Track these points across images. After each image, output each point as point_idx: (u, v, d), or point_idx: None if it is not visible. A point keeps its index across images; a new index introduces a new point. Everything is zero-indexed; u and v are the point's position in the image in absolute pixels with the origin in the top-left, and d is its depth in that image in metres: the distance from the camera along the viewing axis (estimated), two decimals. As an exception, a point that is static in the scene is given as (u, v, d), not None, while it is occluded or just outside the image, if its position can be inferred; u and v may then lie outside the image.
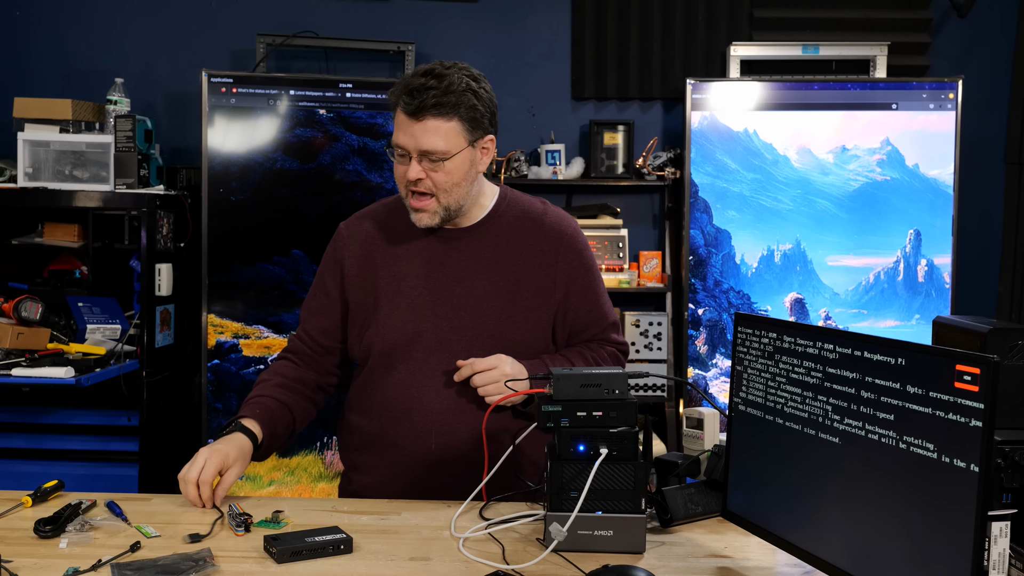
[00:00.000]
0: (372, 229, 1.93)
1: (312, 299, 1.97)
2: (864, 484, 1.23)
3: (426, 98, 1.73)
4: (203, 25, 3.97)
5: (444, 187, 1.79)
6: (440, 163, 1.77)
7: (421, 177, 1.77)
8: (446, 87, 1.74)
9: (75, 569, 1.41)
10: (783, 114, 3.69)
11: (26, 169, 3.47)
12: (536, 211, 1.93)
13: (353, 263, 1.91)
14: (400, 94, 1.76)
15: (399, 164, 1.80)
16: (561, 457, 1.54)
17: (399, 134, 1.77)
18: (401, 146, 1.77)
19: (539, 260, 1.88)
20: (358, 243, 1.92)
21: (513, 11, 4.01)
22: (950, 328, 1.76)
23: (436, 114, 1.74)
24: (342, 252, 1.93)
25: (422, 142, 1.75)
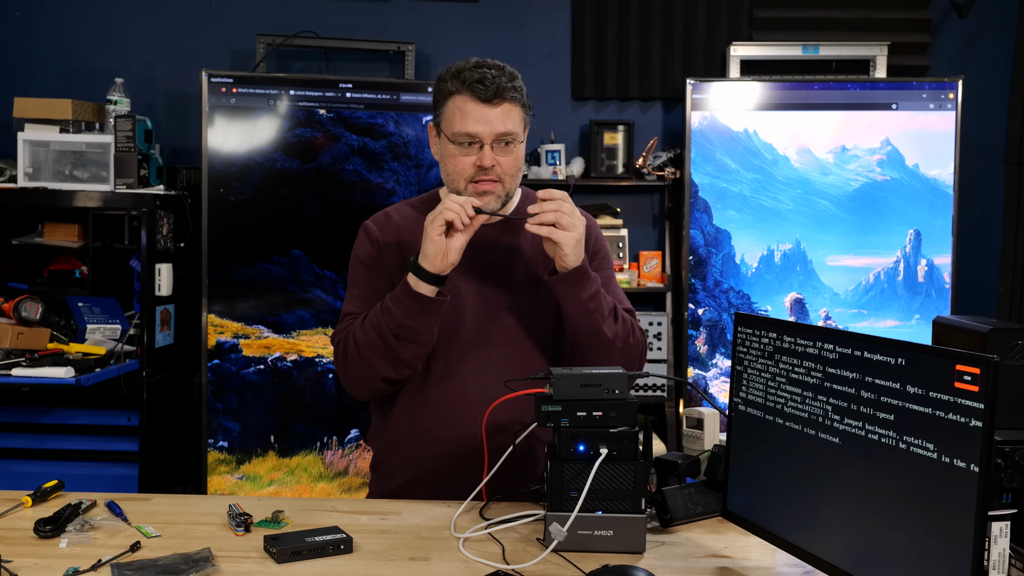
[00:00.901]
0: (400, 225, 1.93)
1: (364, 289, 1.91)
2: (864, 484, 1.23)
3: (500, 83, 1.78)
4: (203, 25, 3.98)
5: (511, 172, 1.83)
6: (510, 147, 1.81)
7: (494, 163, 1.79)
8: (510, 73, 1.81)
9: (75, 569, 1.41)
10: (783, 114, 3.69)
11: (26, 169, 3.47)
12: None
13: (390, 255, 1.90)
14: (466, 83, 1.78)
15: (463, 155, 1.80)
16: (561, 457, 1.54)
17: (469, 123, 1.78)
18: (474, 134, 1.78)
19: None
20: (389, 236, 1.91)
21: (513, 11, 4.01)
22: (950, 328, 1.76)
23: (509, 98, 1.79)
24: (377, 243, 1.91)
25: (499, 126, 1.79)
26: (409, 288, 1.75)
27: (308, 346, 3.56)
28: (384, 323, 1.77)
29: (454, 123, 1.80)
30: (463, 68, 1.81)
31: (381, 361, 1.80)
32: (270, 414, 3.54)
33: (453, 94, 1.80)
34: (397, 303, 1.76)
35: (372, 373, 1.82)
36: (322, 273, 3.57)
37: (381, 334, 1.77)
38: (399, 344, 1.77)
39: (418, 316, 1.76)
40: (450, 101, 1.81)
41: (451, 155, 1.82)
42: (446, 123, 1.82)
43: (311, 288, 3.56)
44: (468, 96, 1.78)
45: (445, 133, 1.83)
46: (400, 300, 1.76)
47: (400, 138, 3.58)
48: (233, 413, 3.54)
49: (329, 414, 3.57)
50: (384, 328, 1.77)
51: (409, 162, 3.59)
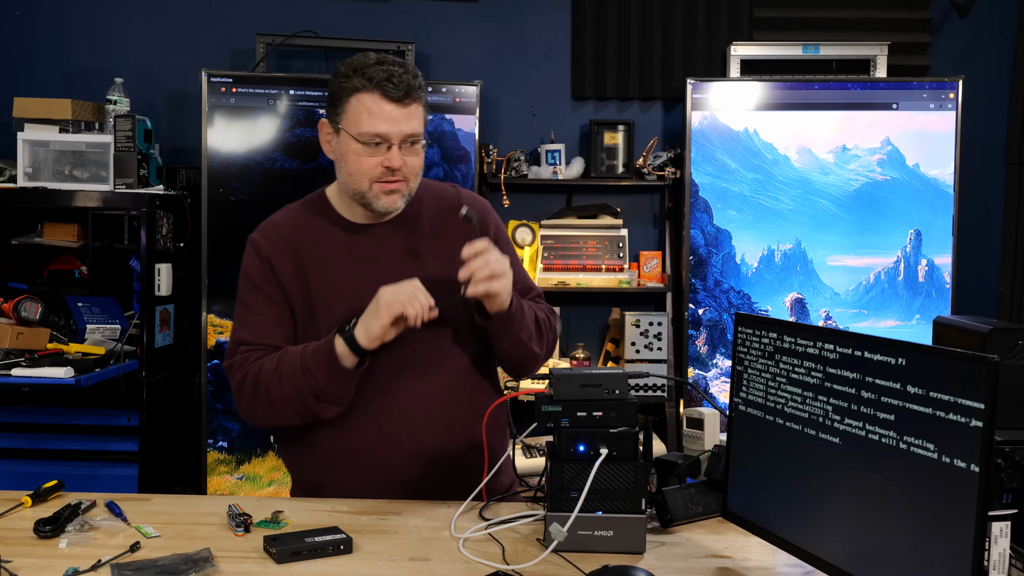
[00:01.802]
0: (291, 236, 1.85)
1: (257, 314, 1.82)
2: (864, 484, 1.23)
3: (409, 82, 1.74)
4: (203, 25, 3.97)
5: (416, 171, 1.80)
6: (416, 147, 1.78)
7: (401, 164, 1.76)
8: (414, 72, 1.77)
9: (75, 569, 1.41)
10: (783, 114, 3.69)
11: (26, 169, 3.47)
12: (451, 195, 1.93)
13: (284, 271, 1.82)
14: (374, 80, 1.72)
15: (370, 155, 1.74)
16: (561, 457, 1.54)
17: (378, 122, 1.72)
18: (383, 134, 1.73)
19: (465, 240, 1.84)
20: (280, 251, 1.83)
21: (513, 11, 4.00)
22: (950, 328, 1.76)
23: (417, 98, 1.76)
24: (269, 260, 1.82)
25: (407, 127, 1.75)
26: (336, 359, 1.69)
27: (308, 346, 3.56)
28: (305, 385, 1.72)
29: (360, 122, 1.74)
30: (367, 64, 1.75)
31: (296, 416, 1.77)
32: (270, 414, 3.54)
33: (359, 91, 1.74)
34: (321, 368, 1.71)
35: (283, 421, 1.80)
36: (322, 273, 3.56)
37: (301, 395, 1.73)
38: (319, 405, 1.75)
39: (343, 384, 1.73)
40: (354, 98, 1.75)
41: (355, 155, 1.76)
42: (350, 121, 1.76)
43: (311, 288, 3.56)
44: (377, 94, 1.73)
45: (349, 132, 1.76)
46: (325, 367, 1.70)
47: (400, 138, 3.57)
48: (233, 413, 3.53)
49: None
50: (305, 390, 1.72)
51: (409, 162, 3.59)
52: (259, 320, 1.82)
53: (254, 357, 1.79)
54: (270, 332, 1.81)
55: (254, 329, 1.82)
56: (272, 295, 1.82)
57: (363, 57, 1.78)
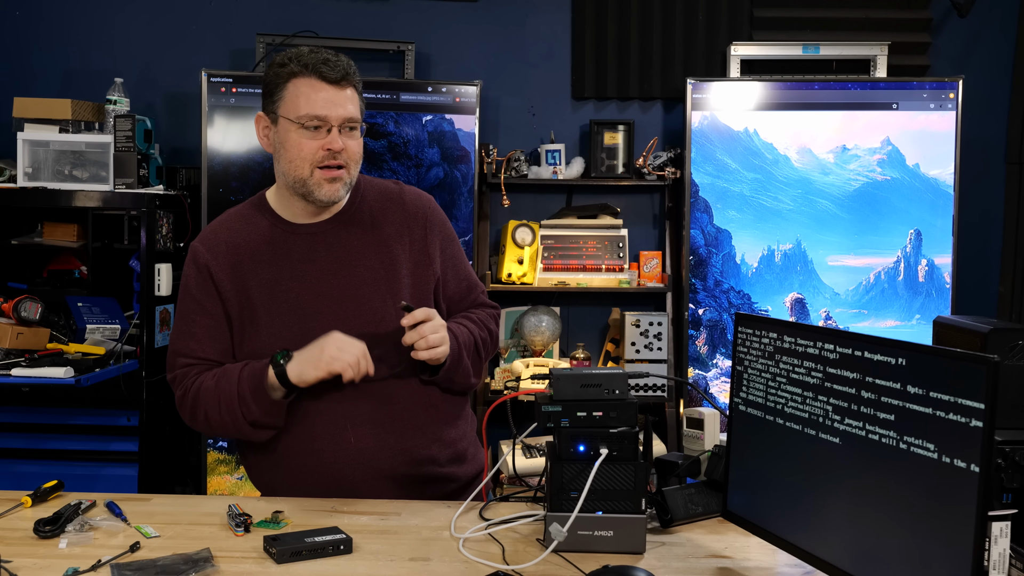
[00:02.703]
0: (230, 240, 1.85)
1: (193, 326, 1.84)
2: (864, 484, 1.23)
3: (345, 66, 1.77)
4: (203, 25, 3.97)
5: (355, 158, 1.81)
6: (354, 132, 1.79)
7: (343, 147, 1.76)
8: (347, 60, 1.79)
9: (75, 569, 1.41)
10: (783, 114, 3.69)
11: (26, 169, 3.47)
12: (394, 191, 1.93)
13: (223, 278, 1.83)
14: (310, 65, 1.74)
15: (309, 139, 1.75)
16: (561, 457, 1.54)
17: (317, 104, 1.73)
18: (323, 116, 1.74)
19: (409, 237, 1.88)
20: (220, 257, 1.84)
21: (513, 11, 4.00)
22: (950, 328, 1.75)
23: (353, 83, 1.78)
24: (207, 269, 1.83)
25: (345, 110, 1.76)
26: (266, 392, 1.73)
27: (308, 346, 3.55)
28: (241, 412, 1.75)
29: (299, 105, 1.74)
30: (301, 53, 1.77)
31: (234, 435, 1.83)
32: (270, 414, 3.54)
33: (295, 76, 1.75)
34: (255, 399, 1.74)
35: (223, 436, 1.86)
36: (322, 273, 3.56)
37: (236, 421, 1.77)
38: (254, 431, 1.79)
39: (274, 414, 1.76)
40: (292, 84, 1.75)
41: (295, 141, 1.76)
42: (288, 106, 1.76)
43: (311, 288, 3.56)
44: (314, 78, 1.74)
45: (288, 117, 1.76)
46: (258, 398, 1.73)
47: (400, 138, 3.57)
48: (233, 413, 3.53)
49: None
50: (240, 417, 1.76)
51: (409, 162, 3.59)
52: (196, 333, 1.84)
53: (193, 373, 1.83)
54: (206, 346, 1.83)
55: (191, 342, 1.84)
56: (210, 307, 1.84)
57: (297, 48, 1.81)
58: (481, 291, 2.01)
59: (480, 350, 1.91)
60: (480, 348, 1.91)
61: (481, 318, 1.95)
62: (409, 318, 1.73)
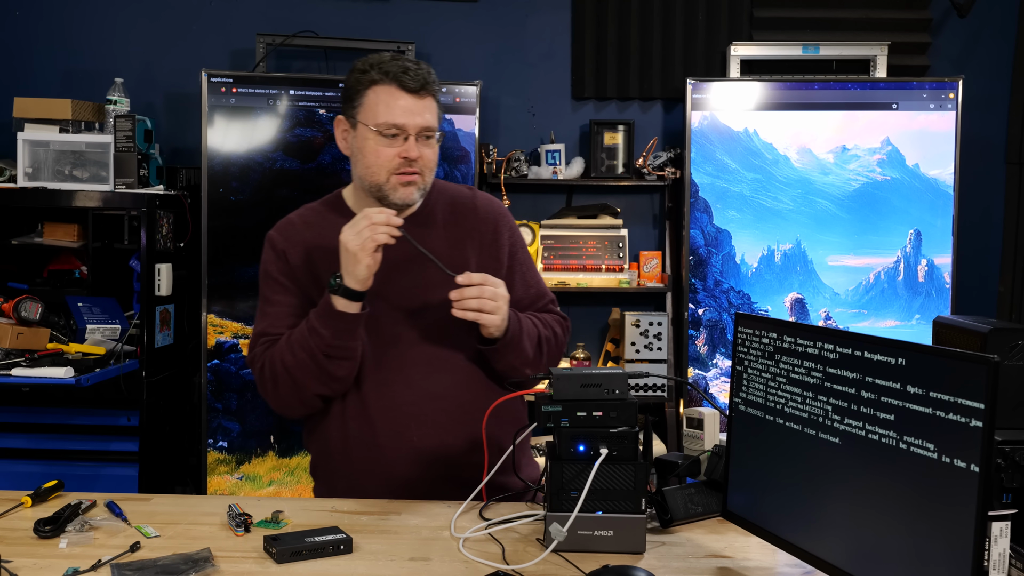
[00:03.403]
0: (304, 232, 1.89)
1: (274, 306, 1.87)
2: (864, 484, 1.23)
3: (425, 76, 1.78)
4: (203, 25, 3.97)
5: (431, 165, 1.83)
6: (431, 141, 1.81)
7: (419, 155, 1.78)
8: (427, 69, 1.81)
9: (75, 569, 1.41)
10: (783, 114, 3.69)
11: (26, 169, 3.47)
12: (466, 196, 1.96)
13: (298, 263, 1.87)
14: (390, 74, 1.77)
15: (386, 147, 1.77)
16: (561, 457, 1.54)
17: (396, 113, 1.76)
18: (399, 125, 1.77)
19: (479, 242, 1.91)
20: (295, 245, 1.88)
21: (513, 11, 4.01)
22: (950, 328, 1.76)
23: (432, 92, 1.80)
24: (284, 254, 1.88)
25: (422, 119, 1.78)
26: (334, 309, 1.73)
27: (308, 346, 3.55)
28: (314, 344, 1.75)
29: (378, 113, 1.77)
30: (383, 60, 1.80)
31: (315, 382, 1.79)
32: (270, 414, 3.54)
33: (376, 83, 1.78)
34: (324, 324, 1.74)
35: (305, 394, 1.82)
36: (322, 273, 3.56)
37: (312, 355, 1.76)
38: (331, 363, 1.77)
39: (347, 335, 1.75)
40: (371, 91, 1.78)
41: (372, 147, 1.78)
42: (367, 113, 1.79)
43: (311, 288, 3.56)
44: (394, 86, 1.77)
45: (365, 124, 1.79)
46: (326, 321, 1.74)
47: (400, 138, 3.57)
48: (233, 413, 3.54)
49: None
50: (314, 349, 1.75)
51: (409, 162, 3.59)
52: (278, 311, 1.87)
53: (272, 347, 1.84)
54: (287, 322, 1.85)
55: (272, 320, 1.87)
56: (288, 285, 1.87)
57: (378, 55, 1.83)
58: (551, 300, 2.01)
59: (542, 345, 1.91)
60: (543, 343, 1.91)
61: (548, 320, 1.96)
62: (465, 277, 1.73)
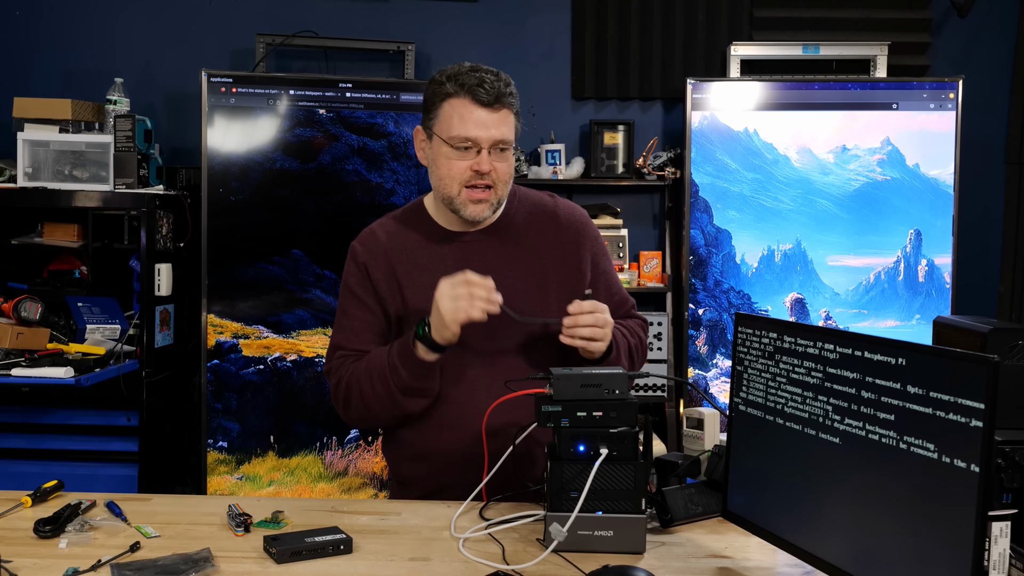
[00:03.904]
0: (387, 243, 1.90)
1: (352, 320, 1.89)
2: (864, 484, 1.23)
3: (500, 88, 1.77)
4: (203, 25, 3.97)
5: (504, 178, 1.82)
6: (506, 154, 1.80)
7: (491, 169, 1.78)
8: (506, 80, 1.81)
9: (75, 569, 1.41)
10: (783, 114, 3.69)
11: (26, 169, 3.47)
12: (548, 205, 1.96)
13: (379, 277, 1.88)
14: (466, 86, 1.76)
15: (458, 159, 1.78)
16: (561, 457, 1.54)
17: (469, 126, 1.76)
18: (473, 138, 1.76)
19: (561, 251, 1.90)
20: (377, 258, 1.89)
21: (513, 11, 4.01)
22: (950, 328, 1.76)
23: (507, 104, 1.79)
24: (366, 268, 1.89)
25: (497, 132, 1.78)
26: (416, 355, 1.75)
27: (308, 346, 3.56)
28: (392, 381, 1.77)
29: (452, 126, 1.77)
30: (460, 71, 1.79)
31: (387, 413, 1.83)
32: (270, 414, 3.54)
33: (451, 96, 1.78)
34: (405, 365, 1.76)
35: (378, 420, 1.87)
36: (322, 273, 3.57)
37: (389, 392, 1.78)
38: (406, 399, 1.79)
39: (427, 378, 1.77)
40: (447, 104, 1.79)
41: (446, 158, 1.79)
42: (441, 126, 1.79)
43: (311, 288, 3.56)
44: (468, 99, 1.76)
45: (440, 136, 1.80)
46: (407, 364, 1.76)
47: (400, 138, 3.57)
48: (233, 413, 3.54)
49: (329, 414, 3.57)
50: (392, 386, 1.78)
51: (409, 162, 3.59)
52: (355, 326, 1.88)
53: (348, 362, 1.86)
54: (364, 338, 1.87)
55: (350, 335, 1.88)
56: (368, 302, 1.88)
57: (457, 65, 1.82)
58: (632, 306, 2.04)
59: (633, 354, 1.94)
60: (633, 352, 1.94)
61: (632, 328, 1.99)
62: (576, 306, 1.73)
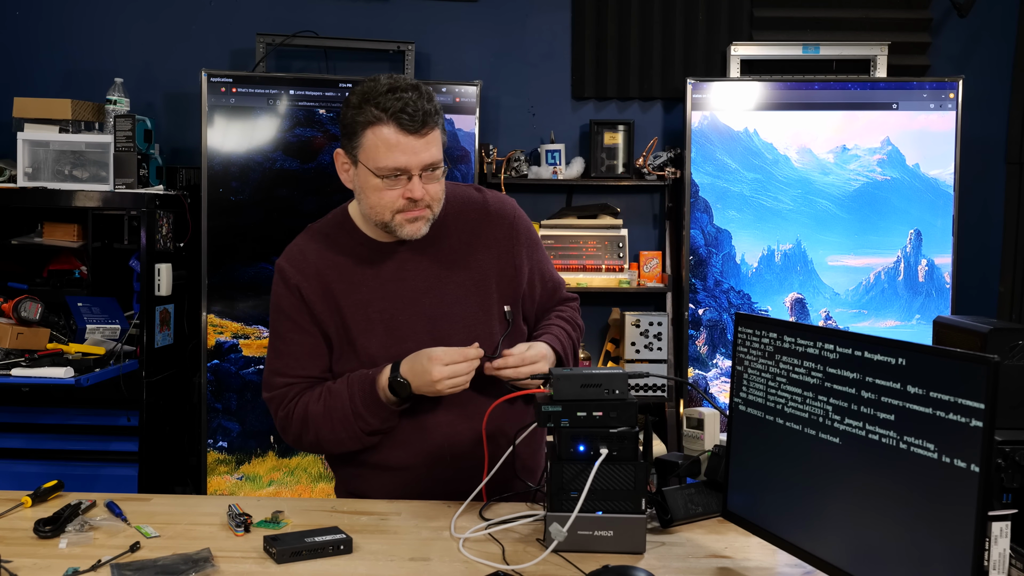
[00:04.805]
0: (317, 262, 1.82)
1: (290, 345, 1.82)
2: (864, 484, 1.23)
3: (427, 111, 1.67)
4: (203, 25, 3.97)
5: (438, 197, 1.76)
6: (436, 172, 1.73)
7: (423, 194, 1.71)
8: (427, 94, 1.71)
9: (75, 569, 1.41)
10: (783, 114, 3.69)
11: (26, 169, 3.47)
12: (477, 200, 1.89)
13: (314, 299, 1.80)
14: (388, 112, 1.66)
15: (389, 188, 1.69)
16: (561, 457, 1.54)
17: (395, 156, 1.67)
18: (401, 167, 1.68)
19: (496, 249, 1.86)
20: (309, 279, 1.80)
21: (513, 11, 4.00)
22: (950, 328, 1.76)
23: (434, 124, 1.70)
24: (298, 289, 1.80)
25: (426, 157, 1.69)
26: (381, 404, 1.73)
27: (308, 346, 3.55)
28: (357, 427, 1.76)
29: (378, 157, 1.68)
30: (378, 93, 1.68)
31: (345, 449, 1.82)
32: (269, 414, 3.53)
33: (372, 124, 1.68)
34: (372, 413, 1.74)
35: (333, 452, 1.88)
36: (322, 273, 3.56)
37: (353, 435, 1.78)
38: (371, 437, 1.79)
39: (394, 418, 1.77)
40: (370, 132, 1.68)
41: (375, 188, 1.71)
42: (367, 155, 1.70)
43: (311, 288, 3.56)
44: (393, 127, 1.66)
45: (367, 165, 1.70)
46: (375, 411, 1.74)
47: (400, 138, 3.57)
48: (233, 413, 3.54)
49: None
50: (356, 431, 1.77)
51: (409, 162, 3.58)
52: (293, 351, 1.82)
53: (293, 392, 1.82)
54: (306, 363, 1.82)
55: (289, 360, 1.82)
56: (304, 325, 1.81)
57: (373, 83, 1.72)
58: (561, 284, 2.01)
59: (576, 345, 1.94)
60: (575, 343, 1.93)
61: (570, 316, 1.97)
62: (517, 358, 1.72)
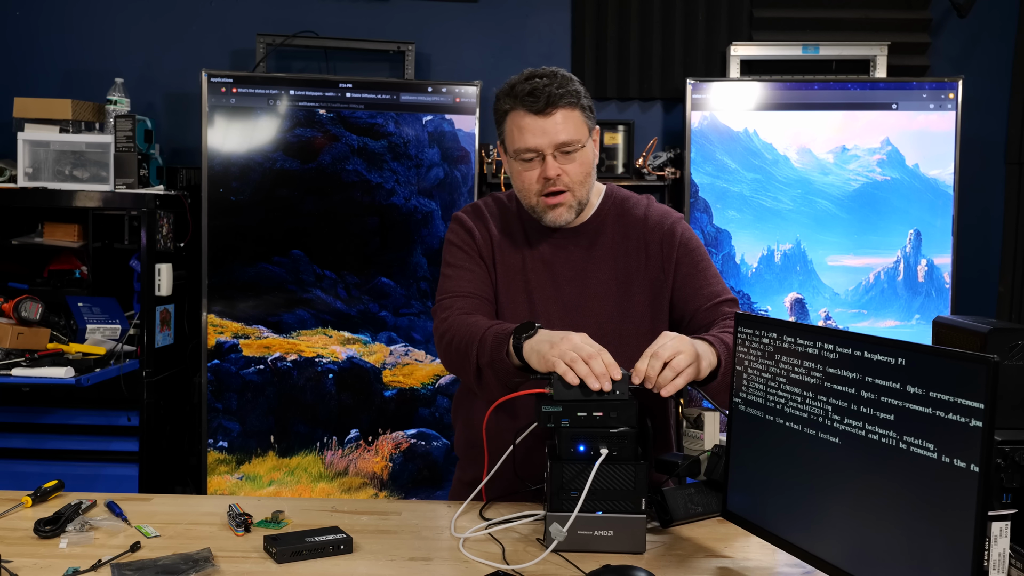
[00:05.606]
0: (487, 218, 1.94)
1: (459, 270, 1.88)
2: (864, 484, 1.23)
3: (551, 91, 1.77)
4: (203, 25, 3.97)
5: (579, 179, 1.81)
6: (574, 154, 1.80)
7: (560, 173, 1.78)
8: (561, 79, 1.80)
9: (75, 569, 1.41)
10: (783, 114, 3.69)
11: (26, 169, 3.47)
12: (641, 205, 1.95)
13: (482, 244, 1.91)
14: (518, 98, 1.78)
15: (527, 170, 1.80)
16: (561, 457, 1.54)
17: (526, 137, 1.78)
18: (533, 148, 1.78)
19: (646, 253, 1.89)
20: (481, 228, 1.92)
21: (513, 11, 4.01)
22: (950, 328, 1.76)
23: (564, 104, 1.78)
24: (473, 231, 1.91)
25: (557, 135, 1.77)
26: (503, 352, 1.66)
27: (308, 346, 3.56)
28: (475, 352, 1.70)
29: (514, 140, 1.81)
30: (515, 83, 1.82)
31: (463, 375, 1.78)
32: (270, 414, 3.54)
33: (508, 112, 1.82)
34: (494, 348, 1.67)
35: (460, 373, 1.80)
36: (322, 273, 3.57)
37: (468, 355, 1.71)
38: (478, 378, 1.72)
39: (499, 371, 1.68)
40: (507, 119, 1.82)
41: (517, 172, 1.83)
42: (508, 141, 1.83)
43: (311, 288, 3.56)
44: (522, 111, 1.79)
45: (508, 151, 1.84)
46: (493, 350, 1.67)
47: (400, 138, 3.57)
48: (233, 413, 3.54)
49: (329, 414, 3.57)
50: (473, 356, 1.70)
51: (409, 162, 3.59)
52: (461, 275, 1.89)
53: (457, 304, 1.84)
54: (472, 283, 1.88)
55: (458, 281, 1.88)
56: (474, 256, 1.90)
57: (516, 76, 1.84)
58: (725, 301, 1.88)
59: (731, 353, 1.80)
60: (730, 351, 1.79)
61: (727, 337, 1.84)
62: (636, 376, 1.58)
